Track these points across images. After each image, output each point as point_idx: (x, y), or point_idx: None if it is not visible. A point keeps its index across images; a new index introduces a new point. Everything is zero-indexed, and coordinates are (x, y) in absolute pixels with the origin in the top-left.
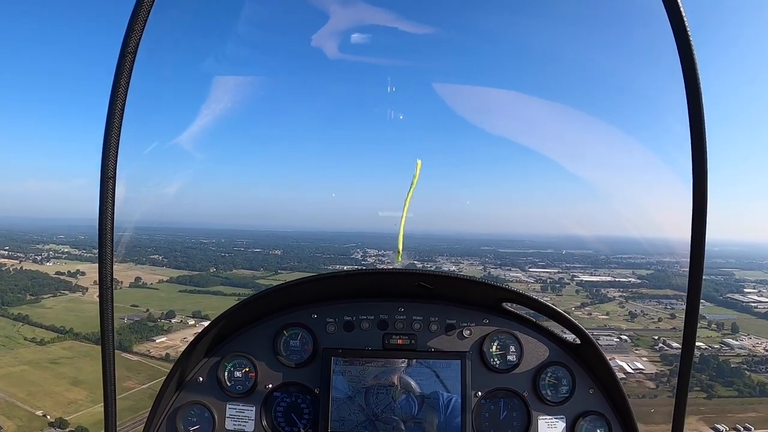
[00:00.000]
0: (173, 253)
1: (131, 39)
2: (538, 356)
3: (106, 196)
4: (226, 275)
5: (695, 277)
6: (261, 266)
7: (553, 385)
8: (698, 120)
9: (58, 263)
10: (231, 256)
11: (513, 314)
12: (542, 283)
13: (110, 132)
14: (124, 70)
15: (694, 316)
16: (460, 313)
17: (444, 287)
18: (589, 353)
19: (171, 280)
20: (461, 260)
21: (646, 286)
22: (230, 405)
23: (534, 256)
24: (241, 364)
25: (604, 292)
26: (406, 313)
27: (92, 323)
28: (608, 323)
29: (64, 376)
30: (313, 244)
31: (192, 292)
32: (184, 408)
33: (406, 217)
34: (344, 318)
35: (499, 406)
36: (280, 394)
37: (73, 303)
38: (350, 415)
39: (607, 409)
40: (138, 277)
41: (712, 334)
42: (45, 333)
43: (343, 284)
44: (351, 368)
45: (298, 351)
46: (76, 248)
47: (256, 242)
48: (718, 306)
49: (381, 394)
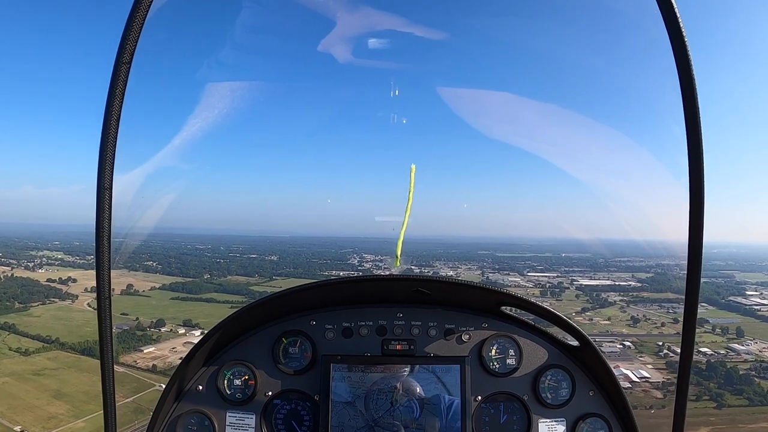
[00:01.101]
0: (167, 260)
1: (126, 49)
2: (537, 359)
3: (103, 207)
4: (220, 282)
5: (693, 280)
6: (256, 272)
7: (553, 388)
8: (694, 120)
9: (50, 270)
10: (226, 262)
11: (512, 318)
12: (541, 287)
13: (106, 143)
14: (119, 81)
15: (692, 316)
16: (459, 317)
17: (442, 292)
18: (589, 355)
19: (163, 287)
20: (459, 265)
21: (646, 289)
22: (230, 413)
23: (532, 260)
24: (240, 372)
25: (605, 296)
26: (404, 319)
27: (80, 332)
28: (610, 329)
29: (46, 388)
30: (310, 249)
31: (184, 299)
32: (183, 417)
33: (407, 223)
34: (343, 324)
35: (499, 410)
36: (279, 401)
37: (62, 311)
38: (350, 420)
39: (608, 411)
40: (130, 284)
41: (717, 339)
42: (31, 343)
43: (341, 291)
44: (350, 374)
45: (297, 358)
46: (69, 255)
47: (252, 248)
48: (720, 309)
49: (380, 400)
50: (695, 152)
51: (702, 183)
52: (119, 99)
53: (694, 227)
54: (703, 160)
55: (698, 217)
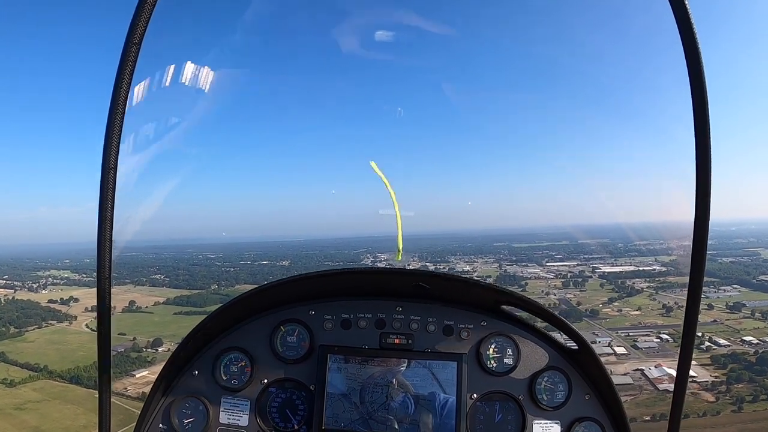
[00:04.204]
0: (176, 272)
1: (136, 30)
2: (535, 360)
3: (105, 216)
4: (227, 292)
5: (698, 259)
6: (265, 279)
7: (549, 390)
8: (701, 99)
9: (54, 290)
10: (236, 271)
11: (511, 317)
12: (563, 278)
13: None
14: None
15: (696, 296)
16: (459, 314)
17: (442, 288)
18: (587, 359)
19: (168, 301)
20: (475, 259)
21: (672, 273)
22: (225, 399)
23: (550, 249)
24: (237, 359)
25: (630, 283)
26: (404, 313)
27: (72, 356)
28: (642, 320)
29: (25, 425)
30: (323, 251)
31: (188, 313)
32: (178, 401)
33: (401, 216)
34: (342, 316)
35: (494, 409)
36: (275, 389)
37: (58, 334)
38: (344, 412)
39: (603, 415)
40: (132, 301)
41: (759, 325)
42: (18, 372)
43: (341, 282)
44: (347, 366)
45: (294, 347)
46: (76, 273)
47: (264, 254)
48: (754, 291)
49: (376, 393)
50: (702, 129)
51: (708, 157)
52: (127, 80)
53: (700, 207)
54: (709, 136)
55: (705, 196)
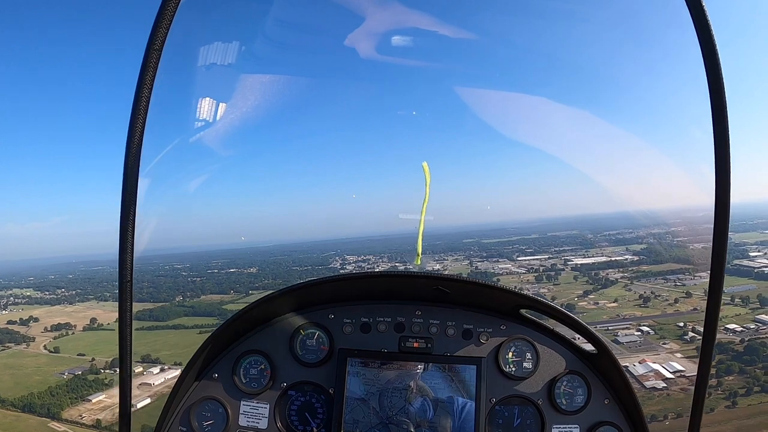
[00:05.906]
0: (139, 284)
1: (157, 35)
2: (554, 365)
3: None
4: (191, 304)
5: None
6: (231, 288)
7: (569, 394)
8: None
9: (15, 309)
10: (202, 281)
11: (530, 321)
12: (535, 272)
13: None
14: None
15: (717, 292)
16: (478, 318)
17: (462, 292)
18: (606, 363)
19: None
20: (445, 257)
21: (645, 262)
22: (244, 402)
23: (520, 243)
24: (257, 362)
25: (604, 274)
26: (423, 317)
27: (27, 382)
28: (620, 312)
29: None
30: (291, 256)
31: (150, 328)
32: (198, 403)
33: (424, 220)
34: (361, 319)
35: (513, 413)
36: (294, 392)
37: (14, 358)
38: (364, 417)
39: (622, 420)
40: (94, 318)
41: (740, 311)
42: None
43: (361, 286)
44: (366, 370)
45: (314, 350)
46: (38, 291)
47: (232, 261)
48: (730, 276)
49: (395, 398)
50: (721, 131)
51: (727, 147)
52: (148, 86)
53: (720, 202)
54: (728, 136)
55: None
